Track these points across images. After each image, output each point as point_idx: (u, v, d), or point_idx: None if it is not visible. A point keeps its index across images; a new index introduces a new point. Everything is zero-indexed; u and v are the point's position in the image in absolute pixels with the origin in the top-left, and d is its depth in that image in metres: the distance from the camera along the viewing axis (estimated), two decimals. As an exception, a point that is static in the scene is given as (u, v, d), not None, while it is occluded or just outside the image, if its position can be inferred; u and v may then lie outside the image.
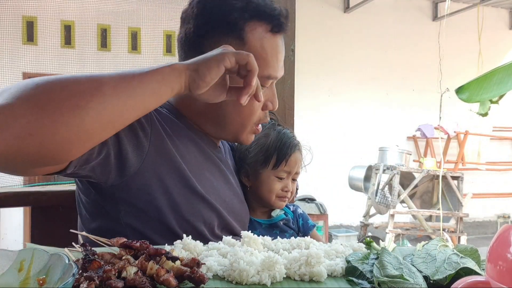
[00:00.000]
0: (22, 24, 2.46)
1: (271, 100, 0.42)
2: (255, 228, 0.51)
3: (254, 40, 0.39)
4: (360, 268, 0.27)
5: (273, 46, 0.40)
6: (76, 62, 2.58)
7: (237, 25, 0.39)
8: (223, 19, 0.39)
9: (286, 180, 0.51)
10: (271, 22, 0.40)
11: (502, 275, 0.20)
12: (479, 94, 0.74)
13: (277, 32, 0.40)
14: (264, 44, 0.40)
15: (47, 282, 0.22)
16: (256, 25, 0.39)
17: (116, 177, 0.36)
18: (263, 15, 0.40)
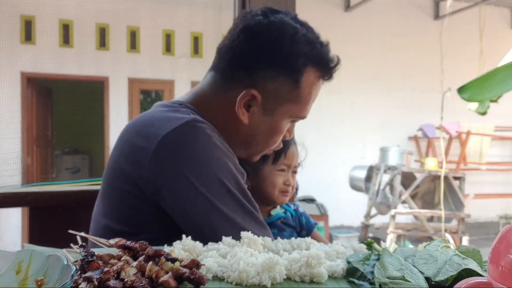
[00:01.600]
0: (20, 23, 2.45)
1: (290, 131, 0.45)
2: None
3: (307, 85, 0.41)
4: (361, 269, 0.27)
5: (317, 91, 0.43)
6: (74, 61, 2.58)
7: (299, 70, 0.40)
8: (288, 61, 0.40)
9: (287, 173, 0.52)
10: (326, 72, 0.42)
11: (504, 276, 0.20)
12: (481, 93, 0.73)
13: (326, 80, 0.43)
14: (311, 89, 0.42)
15: (45, 283, 0.22)
16: (312, 71, 0.41)
17: None
18: (321, 63, 0.41)
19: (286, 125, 0.43)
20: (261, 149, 0.44)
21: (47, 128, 3.03)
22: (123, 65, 2.70)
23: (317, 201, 2.27)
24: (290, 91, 0.41)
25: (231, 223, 0.37)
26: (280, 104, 0.41)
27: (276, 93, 0.41)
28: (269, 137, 0.42)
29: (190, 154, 0.37)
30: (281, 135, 0.43)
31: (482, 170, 3.30)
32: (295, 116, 0.42)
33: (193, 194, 0.36)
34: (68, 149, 3.54)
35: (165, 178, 0.37)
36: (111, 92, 2.76)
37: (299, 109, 0.42)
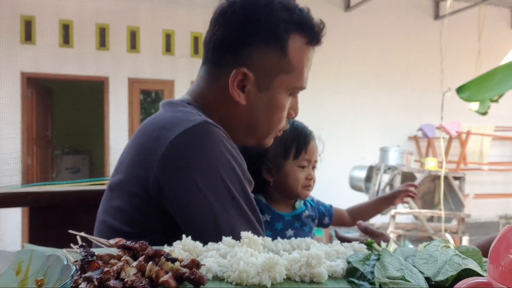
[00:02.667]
0: (20, 23, 2.45)
1: (294, 108, 0.43)
2: (278, 221, 0.52)
3: (294, 52, 0.40)
4: (361, 269, 0.27)
5: (308, 58, 0.41)
6: (74, 61, 2.58)
7: (282, 37, 0.40)
8: (269, 30, 0.39)
9: (308, 168, 0.53)
10: (311, 35, 0.41)
11: (504, 276, 0.20)
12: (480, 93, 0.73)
13: (314, 45, 0.42)
14: (301, 56, 0.41)
15: (45, 284, 0.22)
16: (298, 37, 0.40)
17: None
18: (305, 28, 0.40)
19: (285, 99, 0.41)
20: (267, 130, 0.42)
21: (47, 128, 3.03)
22: (123, 65, 2.70)
23: (317, 201, 2.26)
24: (279, 61, 0.40)
25: (231, 231, 0.36)
26: (273, 76, 0.40)
27: (265, 66, 0.40)
28: (271, 114, 0.41)
29: (198, 157, 0.36)
30: (283, 111, 0.41)
31: (484, 170, 3.29)
32: (292, 87, 0.41)
33: (198, 197, 0.36)
34: (68, 149, 3.54)
35: (171, 180, 0.37)
36: (111, 92, 2.76)
37: (294, 78, 0.40)
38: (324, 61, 3.22)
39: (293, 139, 0.52)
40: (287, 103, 0.42)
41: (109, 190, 0.42)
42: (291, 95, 0.42)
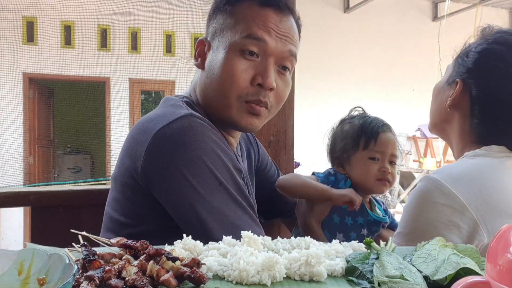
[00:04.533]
0: (22, 25, 2.46)
1: (261, 74, 0.40)
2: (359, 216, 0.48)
3: (241, 11, 0.41)
4: (360, 268, 0.27)
5: (259, 14, 0.41)
6: (76, 62, 2.59)
7: (227, 2, 0.42)
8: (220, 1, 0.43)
9: (382, 162, 0.50)
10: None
11: (502, 275, 0.20)
12: None
13: (265, 5, 0.41)
14: (248, 12, 0.41)
15: (47, 282, 0.22)
16: (248, 2, 0.42)
17: None
18: None
19: (234, 55, 0.40)
20: (223, 93, 0.40)
21: (49, 128, 3.04)
22: (124, 66, 2.71)
23: (317, 202, 2.26)
24: (225, 21, 0.41)
25: (221, 216, 0.36)
26: (220, 35, 0.41)
27: (215, 29, 0.42)
28: (220, 72, 0.40)
29: (184, 146, 0.37)
30: (233, 69, 0.39)
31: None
32: (238, 39, 0.39)
33: (184, 185, 0.36)
34: (70, 149, 3.55)
35: (158, 170, 0.37)
36: (112, 93, 2.77)
37: (238, 30, 0.40)
38: (323, 61, 3.23)
39: (362, 129, 0.50)
40: (238, 61, 0.39)
41: (111, 183, 0.43)
42: (243, 51, 0.39)
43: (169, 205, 0.38)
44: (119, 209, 0.41)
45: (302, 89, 2.81)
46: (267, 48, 0.40)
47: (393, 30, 3.37)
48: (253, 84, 0.40)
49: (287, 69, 0.42)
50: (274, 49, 0.41)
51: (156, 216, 0.38)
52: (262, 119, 0.42)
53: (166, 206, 0.38)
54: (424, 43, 3.22)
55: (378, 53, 3.32)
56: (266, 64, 0.40)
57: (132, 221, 0.40)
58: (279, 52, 0.41)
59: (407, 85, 3.42)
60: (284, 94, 0.43)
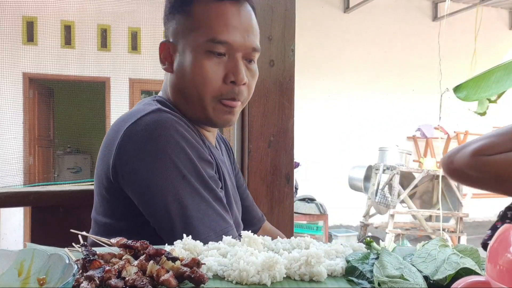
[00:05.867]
0: (22, 24, 2.46)
1: (233, 71, 0.41)
2: None
3: (199, 11, 0.41)
4: (360, 268, 0.27)
5: (218, 12, 0.41)
6: (76, 62, 2.58)
7: (186, 2, 0.42)
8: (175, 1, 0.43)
9: None
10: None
11: (502, 275, 0.20)
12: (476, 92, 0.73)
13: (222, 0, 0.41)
14: (207, 11, 0.41)
15: (47, 282, 0.22)
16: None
17: None
18: None
19: (202, 57, 0.40)
20: (197, 94, 0.41)
21: (49, 128, 3.04)
22: (124, 66, 2.71)
23: (317, 201, 2.28)
24: (185, 22, 0.41)
25: (183, 210, 0.36)
26: (184, 37, 0.41)
27: (177, 31, 0.42)
28: (191, 76, 0.40)
29: (149, 141, 0.37)
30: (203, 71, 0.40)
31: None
32: (203, 42, 0.39)
33: (148, 179, 0.37)
34: (70, 149, 3.54)
35: (126, 165, 0.38)
36: (112, 93, 2.77)
37: (201, 33, 0.40)
38: (323, 62, 3.23)
39: None
40: (207, 61, 0.40)
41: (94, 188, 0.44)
42: (210, 52, 0.40)
43: (137, 200, 0.38)
44: (101, 210, 0.41)
45: (302, 89, 2.80)
46: (233, 47, 0.41)
47: (393, 30, 3.37)
48: (226, 82, 0.41)
49: (252, 61, 0.43)
50: (240, 46, 0.41)
51: (132, 212, 0.39)
52: (236, 114, 0.43)
53: (134, 201, 0.38)
54: (424, 43, 3.22)
55: (378, 53, 3.32)
56: (235, 61, 0.41)
57: (113, 221, 0.40)
58: (245, 48, 0.41)
59: (407, 85, 3.42)
60: (253, 84, 0.43)
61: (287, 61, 0.65)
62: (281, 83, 0.65)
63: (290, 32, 0.66)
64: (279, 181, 0.64)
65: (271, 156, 0.62)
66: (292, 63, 0.67)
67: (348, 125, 3.29)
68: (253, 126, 0.63)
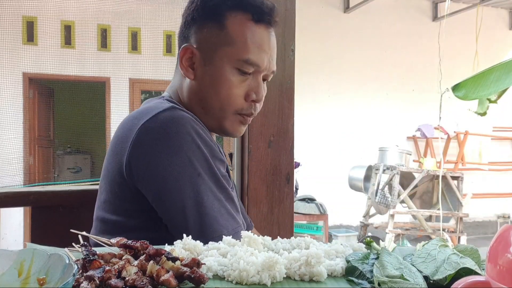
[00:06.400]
0: (22, 24, 2.46)
1: (255, 90, 0.43)
2: None
3: (234, 26, 0.42)
4: (360, 268, 0.27)
5: (255, 34, 0.42)
6: (76, 62, 2.58)
7: (218, 11, 0.42)
8: (208, 8, 0.42)
9: None
10: (252, 12, 0.42)
11: (502, 275, 0.20)
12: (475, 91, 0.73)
13: (259, 22, 0.42)
14: (244, 30, 0.42)
15: (47, 282, 0.22)
16: (238, 13, 0.42)
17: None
18: (244, 4, 0.42)
19: (230, 72, 0.41)
20: (218, 107, 0.42)
21: (49, 128, 3.04)
22: (124, 66, 2.71)
23: (317, 201, 2.28)
24: (219, 34, 0.42)
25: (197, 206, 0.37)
26: (215, 49, 0.42)
27: (207, 40, 0.42)
28: (218, 88, 0.41)
29: (165, 138, 0.38)
30: (230, 86, 0.41)
31: (483, 170, 3.30)
32: (235, 60, 0.41)
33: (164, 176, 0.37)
34: (70, 149, 3.55)
35: (141, 161, 0.38)
36: (112, 93, 2.77)
37: (235, 50, 0.41)
38: (323, 62, 3.23)
39: None
40: (235, 78, 0.41)
41: (99, 188, 0.44)
42: (239, 70, 0.41)
43: (151, 196, 0.39)
44: (111, 208, 0.41)
45: (302, 89, 2.80)
46: (260, 69, 0.43)
47: (393, 30, 3.36)
48: (247, 100, 0.43)
49: (267, 80, 0.45)
50: (265, 69, 0.43)
51: (144, 209, 0.39)
52: (247, 126, 0.46)
53: (148, 197, 0.39)
54: (424, 43, 3.22)
55: (378, 53, 3.32)
56: (258, 81, 0.43)
57: (123, 218, 0.40)
58: (268, 71, 0.44)
59: (407, 85, 3.42)
60: (263, 102, 0.45)
61: (287, 61, 0.65)
62: (281, 83, 0.65)
63: (290, 32, 0.66)
64: (279, 181, 0.64)
65: (271, 156, 0.62)
66: (292, 63, 0.67)
67: (348, 125, 3.29)
68: (253, 126, 0.63)
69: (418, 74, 3.37)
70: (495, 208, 3.47)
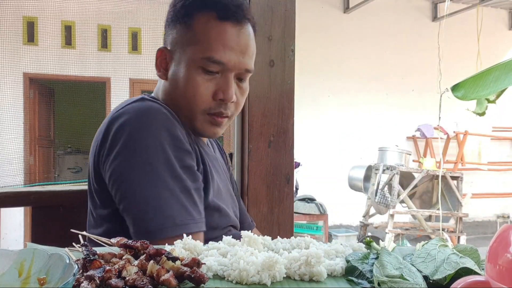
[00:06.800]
0: (23, 25, 2.46)
1: (223, 89, 0.42)
2: None
3: (199, 25, 0.42)
4: (360, 267, 0.27)
5: (220, 32, 0.41)
6: (76, 62, 2.58)
7: (186, 12, 0.43)
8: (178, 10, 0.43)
9: None
10: (216, 9, 0.42)
11: (502, 275, 0.20)
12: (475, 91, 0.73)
13: (224, 19, 0.41)
14: (207, 29, 0.42)
15: (47, 282, 0.22)
16: (204, 13, 0.42)
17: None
18: (209, 3, 0.42)
19: (195, 72, 0.41)
20: (187, 107, 0.42)
21: (49, 128, 3.04)
22: (125, 66, 2.71)
23: (317, 201, 2.28)
24: (186, 34, 0.42)
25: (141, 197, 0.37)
26: (183, 50, 0.42)
27: (177, 41, 0.43)
28: (185, 88, 0.41)
29: (127, 127, 0.39)
30: (195, 85, 0.41)
31: (482, 170, 3.30)
32: (199, 58, 0.41)
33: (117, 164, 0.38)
34: (70, 149, 3.55)
35: (104, 151, 0.39)
36: (113, 93, 2.77)
37: (199, 49, 0.41)
38: (323, 62, 3.23)
39: None
40: (200, 77, 0.41)
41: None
42: (203, 69, 0.41)
43: (109, 186, 0.39)
44: (91, 201, 0.43)
45: (302, 89, 2.80)
46: (226, 67, 0.42)
47: (392, 31, 3.36)
48: (215, 99, 0.42)
49: (243, 80, 0.44)
50: (233, 67, 0.42)
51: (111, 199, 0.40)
52: (224, 127, 0.45)
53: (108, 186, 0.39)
54: (424, 43, 3.22)
55: (377, 53, 3.32)
56: (227, 80, 0.42)
57: (99, 210, 0.41)
58: (238, 69, 0.43)
59: (406, 86, 3.42)
60: (242, 101, 0.45)
61: (287, 61, 0.65)
62: (281, 83, 0.65)
63: (290, 32, 0.66)
64: (279, 181, 0.64)
65: (271, 156, 0.62)
66: (292, 63, 0.66)
67: (348, 125, 3.29)
68: (253, 126, 0.63)
69: (417, 74, 3.37)
70: (495, 208, 3.47)
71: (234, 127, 0.65)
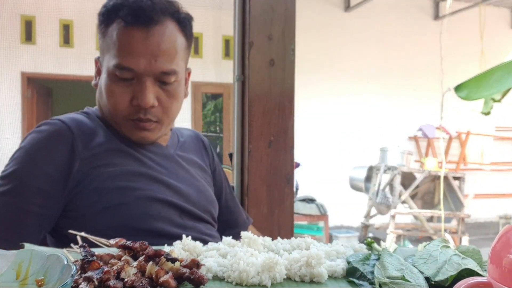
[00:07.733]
0: (21, 23, 2.45)
1: (137, 95, 0.42)
2: None
3: (110, 33, 0.43)
4: (361, 269, 0.27)
5: (125, 38, 0.42)
6: (74, 61, 2.58)
7: (101, 22, 0.44)
8: (99, 20, 0.45)
9: None
10: (122, 15, 0.42)
11: (504, 276, 0.20)
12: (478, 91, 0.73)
13: (130, 24, 0.41)
14: (114, 36, 0.42)
15: (45, 283, 0.22)
16: (115, 20, 0.43)
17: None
18: (117, 10, 0.42)
19: (111, 79, 0.42)
20: (108, 114, 0.44)
21: (48, 128, 3.03)
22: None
23: (317, 201, 2.27)
24: (103, 43, 0.44)
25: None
26: (103, 58, 0.44)
27: (101, 50, 0.45)
28: (105, 96, 0.43)
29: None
30: (111, 93, 0.42)
31: (484, 170, 3.29)
32: (110, 66, 0.42)
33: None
34: (69, 149, 3.52)
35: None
36: (112, 92, 2.75)
37: (110, 57, 0.42)
38: (324, 61, 3.22)
39: None
40: (114, 84, 0.42)
41: None
42: (116, 76, 0.42)
43: None
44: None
45: (302, 88, 2.79)
46: (138, 72, 0.41)
47: (394, 29, 3.35)
48: (132, 105, 0.42)
49: (168, 83, 0.43)
50: (145, 71, 0.41)
51: None
52: (155, 131, 0.44)
53: None
54: (426, 42, 3.22)
55: (379, 53, 3.31)
56: (141, 86, 0.42)
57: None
58: (152, 73, 0.42)
59: (408, 85, 3.41)
60: (171, 105, 0.44)
61: (288, 61, 0.65)
62: (281, 82, 0.65)
63: (291, 32, 0.65)
64: (279, 182, 0.64)
65: (271, 156, 0.62)
66: (292, 63, 0.66)
67: (349, 125, 3.28)
68: (253, 126, 0.63)
69: (419, 73, 3.36)
70: (497, 209, 3.46)
71: (234, 127, 0.65)
